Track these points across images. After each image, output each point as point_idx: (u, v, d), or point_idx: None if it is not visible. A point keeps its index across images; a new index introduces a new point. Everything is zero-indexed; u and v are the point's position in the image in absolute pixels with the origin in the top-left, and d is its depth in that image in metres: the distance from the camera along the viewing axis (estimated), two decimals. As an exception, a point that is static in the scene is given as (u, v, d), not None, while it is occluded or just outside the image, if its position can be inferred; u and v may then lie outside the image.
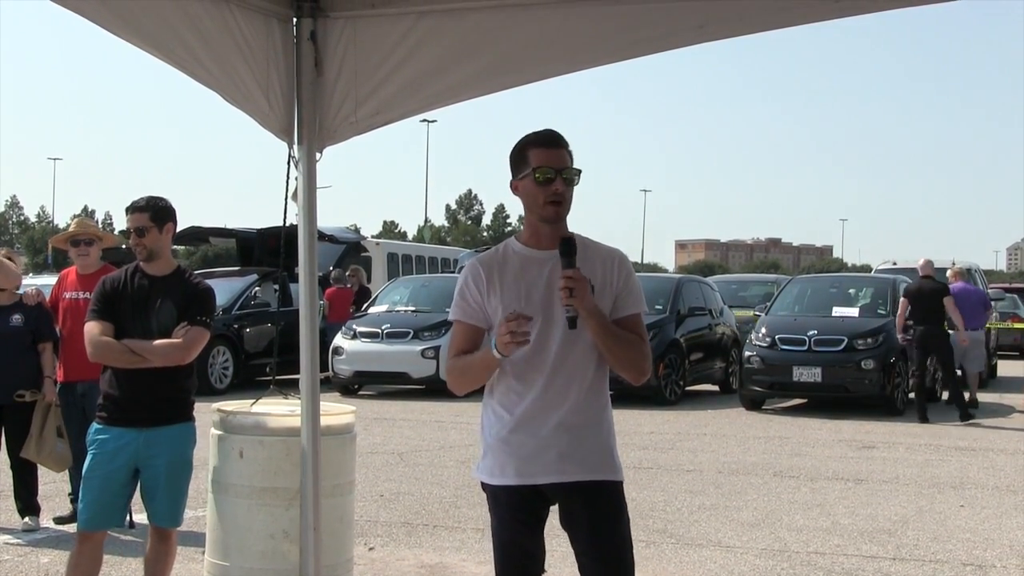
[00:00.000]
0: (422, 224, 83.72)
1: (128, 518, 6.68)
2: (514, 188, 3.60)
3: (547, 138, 3.56)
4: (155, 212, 5.17)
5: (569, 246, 3.43)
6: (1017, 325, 24.86)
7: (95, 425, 5.17)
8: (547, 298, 3.51)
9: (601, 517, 3.54)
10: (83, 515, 5.14)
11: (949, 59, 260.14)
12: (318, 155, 4.73)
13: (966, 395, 15.46)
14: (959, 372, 15.31)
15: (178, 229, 5.48)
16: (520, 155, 3.56)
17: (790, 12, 4.07)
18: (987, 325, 17.55)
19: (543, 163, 3.50)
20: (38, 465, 7.65)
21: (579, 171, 3.56)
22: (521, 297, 3.52)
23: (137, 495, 5.24)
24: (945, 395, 15.54)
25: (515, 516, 3.59)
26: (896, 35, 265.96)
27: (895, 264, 22.43)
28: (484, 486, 3.66)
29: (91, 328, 5.15)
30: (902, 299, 14.89)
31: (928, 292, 14.62)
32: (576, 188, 3.59)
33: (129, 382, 5.08)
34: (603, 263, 3.57)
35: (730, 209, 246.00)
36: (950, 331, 14.91)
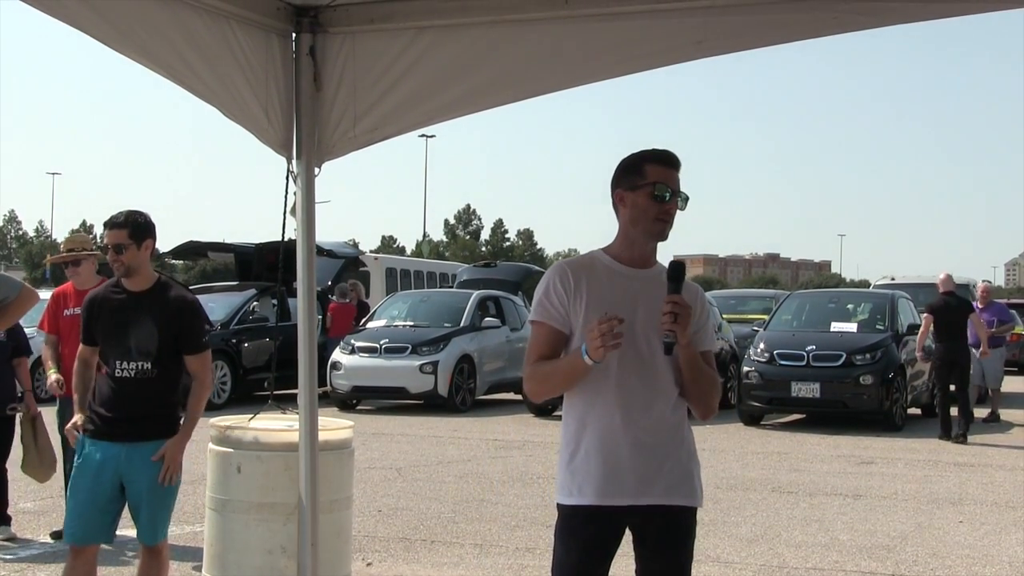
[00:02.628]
0: (420, 239, 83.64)
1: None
2: (619, 198, 3.51)
3: (669, 158, 3.49)
4: (134, 228, 5.09)
5: (679, 271, 3.37)
6: (1017, 330, 25.07)
7: (81, 436, 5.15)
8: (631, 318, 3.41)
9: (667, 543, 3.48)
10: (68, 528, 5.11)
11: (948, 74, 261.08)
12: (317, 170, 4.74)
13: (986, 411, 15.72)
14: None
15: (176, 244, 5.50)
16: (635, 167, 3.48)
17: (787, 28, 4.08)
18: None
19: (662, 180, 3.44)
20: (8, 478, 7.76)
21: (688, 197, 3.51)
22: (604, 310, 3.43)
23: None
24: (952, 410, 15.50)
25: (585, 541, 3.45)
26: (895, 50, 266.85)
27: (893, 279, 22.47)
28: (558, 507, 3.54)
29: (80, 353, 5.26)
30: (925, 316, 14.59)
31: (953, 308, 14.44)
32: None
33: (112, 398, 5.06)
34: (687, 296, 3.47)
35: (728, 224, 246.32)
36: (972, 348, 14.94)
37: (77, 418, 5.21)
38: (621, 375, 3.44)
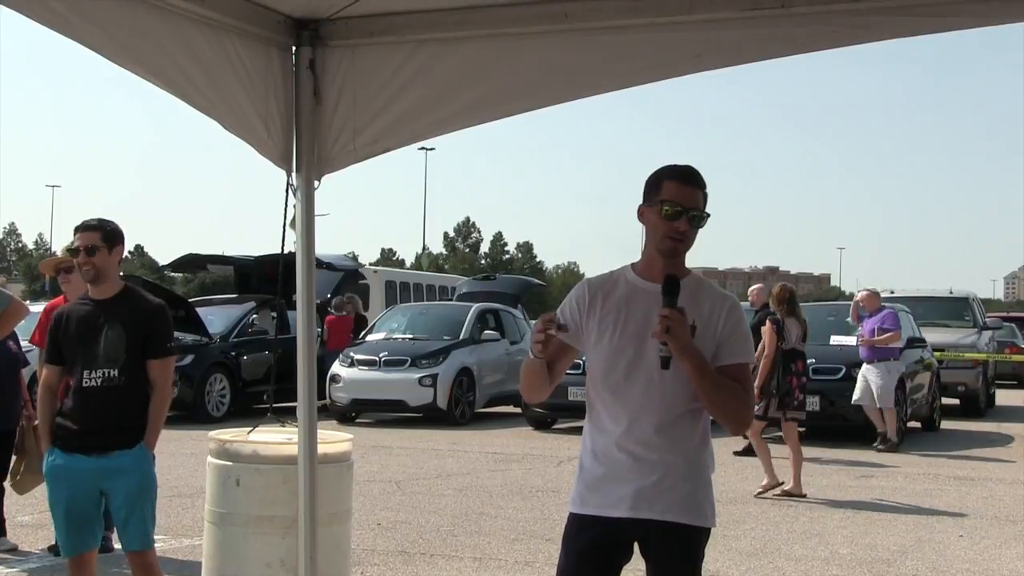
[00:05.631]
0: (420, 252, 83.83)
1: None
2: (640, 214, 3.57)
3: (683, 174, 3.52)
4: (106, 232, 5.13)
5: (672, 285, 3.38)
6: (1016, 357, 24.58)
7: (53, 449, 5.10)
8: (644, 331, 3.46)
9: (668, 560, 3.50)
10: (60, 541, 5.15)
11: (947, 88, 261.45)
12: (316, 183, 4.74)
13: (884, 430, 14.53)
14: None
15: (176, 257, 5.53)
16: (654, 184, 3.52)
17: (786, 42, 4.09)
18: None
19: (673, 198, 3.46)
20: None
21: (707, 215, 3.51)
22: (619, 324, 3.50)
23: None
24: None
25: (582, 550, 3.52)
26: (894, 63, 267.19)
27: (892, 292, 22.44)
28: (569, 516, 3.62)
29: (44, 378, 5.23)
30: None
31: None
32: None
33: (79, 410, 5.03)
34: (711, 306, 3.51)
35: (727, 237, 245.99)
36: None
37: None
38: (627, 389, 3.48)
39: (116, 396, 5.01)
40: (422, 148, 70.70)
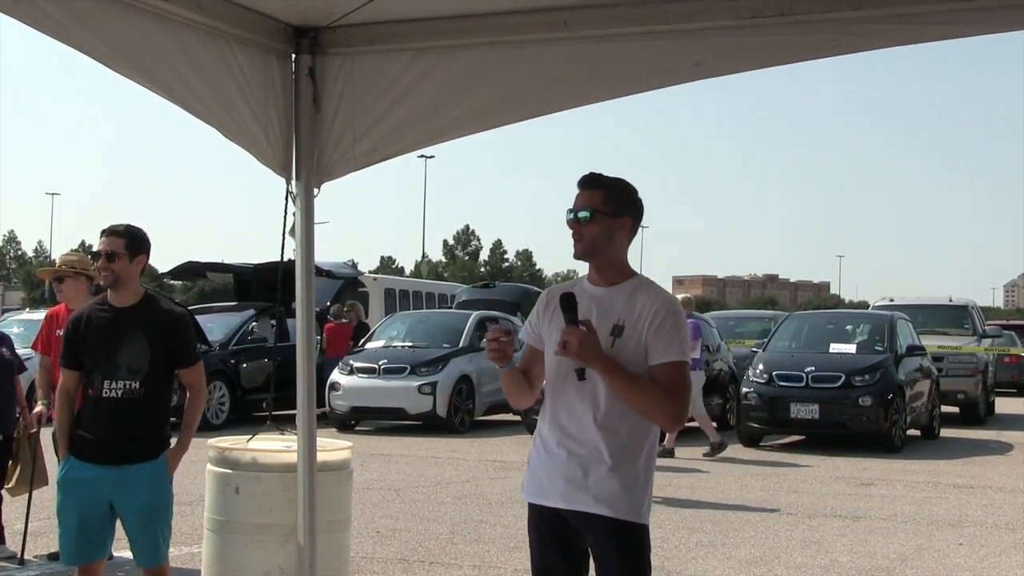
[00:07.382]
0: (419, 259, 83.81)
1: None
2: None
3: (580, 180, 3.70)
4: (131, 239, 5.02)
5: (567, 302, 3.55)
6: (1014, 350, 24.75)
7: (70, 458, 5.05)
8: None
9: (602, 551, 3.61)
10: (64, 551, 5.08)
11: (947, 94, 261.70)
12: (316, 190, 4.75)
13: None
14: None
15: (175, 265, 5.51)
16: None
17: (786, 50, 4.10)
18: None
19: (573, 203, 3.67)
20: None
21: (597, 211, 3.61)
22: (561, 325, 3.61)
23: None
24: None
25: (540, 534, 3.71)
26: (894, 71, 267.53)
27: (892, 300, 22.45)
28: None
29: (62, 383, 5.18)
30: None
31: None
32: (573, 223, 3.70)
33: (97, 420, 4.97)
34: (643, 307, 3.59)
35: (727, 245, 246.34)
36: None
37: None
38: (560, 386, 3.66)
39: (134, 407, 4.94)
40: (421, 156, 70.58)
